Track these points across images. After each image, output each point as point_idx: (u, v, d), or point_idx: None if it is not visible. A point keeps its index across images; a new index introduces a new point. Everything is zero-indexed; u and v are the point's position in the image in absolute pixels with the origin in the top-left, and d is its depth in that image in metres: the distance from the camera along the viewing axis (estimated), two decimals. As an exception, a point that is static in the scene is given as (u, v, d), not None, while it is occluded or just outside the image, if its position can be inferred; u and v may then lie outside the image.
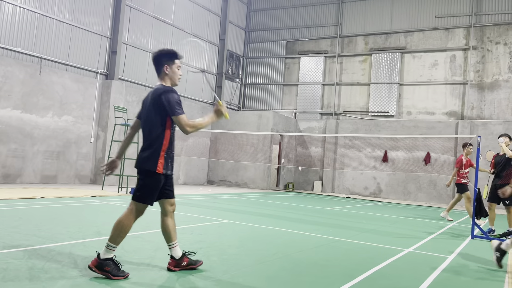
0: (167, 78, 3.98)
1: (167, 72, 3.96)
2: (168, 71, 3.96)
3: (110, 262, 3.71)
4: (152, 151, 3.81)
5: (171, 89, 3.88)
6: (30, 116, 13.24)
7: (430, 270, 4.91)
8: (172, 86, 3.96)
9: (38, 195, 9.73)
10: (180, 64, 4.03)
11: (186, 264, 4.11)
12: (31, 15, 13.44)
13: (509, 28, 18.08)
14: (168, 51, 4.01)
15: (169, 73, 3.96)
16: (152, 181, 3.82)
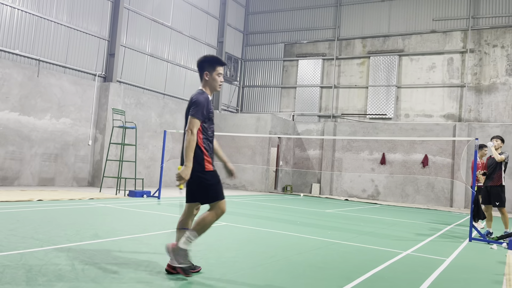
0: (207, 84, 4.11)
1: (207, 79, 4.08)
2: (208, 77, 4.08)
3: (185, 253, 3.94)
4: (195, 154, 3.92)
5: (202, 93, 4.01)
6: (28, 118, 13.22)
7: (428, 273, 4.91)
8: (211, 92, 4.12)
9: (35, 198, 9.71)
10: (221, 71, 4.11)
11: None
12: (29, 18, 13.43)
13: (506, 31, 18.16)
14: (211, 58, 4.12)
15: (209, 79, 4.08)
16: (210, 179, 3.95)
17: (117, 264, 4.26)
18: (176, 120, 18.78)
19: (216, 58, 4.13)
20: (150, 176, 17.42)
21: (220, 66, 4.09)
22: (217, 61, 4.10)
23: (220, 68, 4.09)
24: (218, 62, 4.09)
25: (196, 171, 3.92)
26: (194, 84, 20.24)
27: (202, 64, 4.11)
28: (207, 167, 3.95)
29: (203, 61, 4.12)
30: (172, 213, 8.93)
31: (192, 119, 3.88)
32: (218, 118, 20.88)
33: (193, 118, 3.88)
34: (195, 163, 3.91)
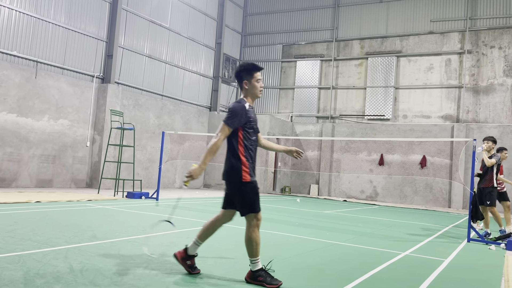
0: (247, 92, 4.10)
1: (247, 87, 4.08)
2: (248, 86, 4.08)
3: (262, 272, 3.95)
4: (234, 162, 3.95)
5: (239, 102, 4.01)
6: (25, 119, 13.19)
7: (426, 274, 4.92)
8: (253, 100, 4.12)
9: (33, 199, 9.68)
10: (259, 76, 4.10)
11: (190, 264, 4.16)
12: (27, 19, 13.41)
13: (503, 32, 18.22)
14: (247, 66, 4.10)
15: (249, 87, 4.08)
16: (247, 190, 3.93)
17: (115, 266, 4.25)
18: (174, 121, 18.77)
19: (252, 64, 4.12)
20: (148, 177, 17.39)
21: (257, 71, 4.08)
22: (253, 68, 4.09)
23: (257, 74, 4.09)
24: (255, 68, 4.09)
25: (233, 180, 3.95)
26: (192, 85, 20.24)
27: (240, 74, 4.10)
28: (244, 177, 3.91)
29: (240, 71, 4.11)
30: (170, 215, 8.91)
31: (223, 124, 3.88)
32: (216, 119, 20.88)
33: (224, 124, 3.88)
34: (233, 172, 3.92)
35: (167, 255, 4.95)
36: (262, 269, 3.97)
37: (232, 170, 3.94)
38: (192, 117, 19.89)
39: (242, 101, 4.04)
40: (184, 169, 19.40)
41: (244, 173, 3.91)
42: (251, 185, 3.94)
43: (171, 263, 4.54)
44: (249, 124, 4.00)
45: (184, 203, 11.86)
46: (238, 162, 3.93)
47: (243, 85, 4.08)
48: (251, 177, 3.95)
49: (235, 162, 3.93)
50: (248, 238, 3.96)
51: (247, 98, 4.10)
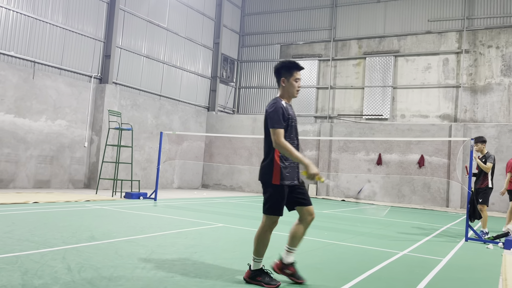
0: (284, 91, 4.02)
1: (284, 85, 4.00)
2: (285, 83, 3.99)
3: (261, 272, 3.94)
4: (267, 163, 3.90)
5: (275, 102, 3.93)
6: (23, 120, 13.16)
7: (424, 273, 4.93)
8: (289, 99, 4.04)
9: (31, 200, 9.66)
10: (299, 76, 4.02)
11: (290, 273, 4.08)
12: (25, 19, 13.38)
13: (501, 31, 18.26)
14: (287, 63, 4.00)
15: (286, 85, 4.00)
16: (272, 192, 3.89)
17: (113, 266, 4.24)
18: (172, 122, 18.76)
19: (293, 62, 4.01)
20: (146, 177, 17.38)
21: (297, 70, 3.99)
22: (294, 66, 3.99)
23: (297, 73, 4.00)
24: (295, 67, 3.99)
25: (264, 181, 3.93)
26: (190, 85, 20.23)
27: (279, 71, 4.01)
28: (274, 179, 3.87)
29: (280, 67, 4.01)
30: (168, 215, 8.91)
31: (273, 130, 3.82)
32: (214, 119, 20.87)
33: (273, 128, 3.82)
34: (265, 172, 3.90)
35: (166, 254, 4.95)
36: (261, 269, 3.97)
37: (265, 170, 3.91)
38: (190, 117, 19.88)
39: (277, 101, 3.95)
40: (182, 169, 19.38)
41: (275, 175, 3.86)
42: (278, 188, 3.87)
43: (169, 263, 4.54)
44: (288, 123, 3.92)
45: (182, 204, 11.85)
46: (271, 163, 3.89)
47: (281, 83, 4.01)
48: (282, 180, 3.87)
49: (268, 162, 3.91)
50: (258, 236, 3.98)
51: (284, 96, 4.03)
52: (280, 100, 3.96)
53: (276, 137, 3.79)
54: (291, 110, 4.00)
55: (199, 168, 20.45)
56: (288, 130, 3.92)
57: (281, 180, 3.86)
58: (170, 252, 5.12)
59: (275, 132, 3.80)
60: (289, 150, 3.76)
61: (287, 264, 4.09)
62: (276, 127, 3.81)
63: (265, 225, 3.96)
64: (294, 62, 4.02)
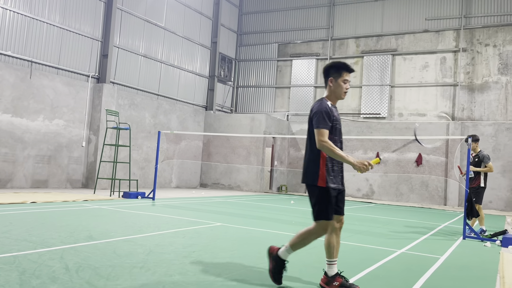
0: (330, 91, 3.93)
1: (331, 85, 3.91)
2: (333, 84, 3.90)
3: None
4: (312, 165, 3.82)
5: (321, 102, 3.85)
6: (20, 120, 13.13)
7: (422, 271, 4.94)
8: (335, 100, 3.94)
9: (29, 200, 9.64)
10: (348, 77, 3.90)
11: (338, 284, 3.91)
12: (21, 19, 13.34)
13: (498, 30, 18.30)
14: (337, 64, 3.91)
15: (333, 86, 3.90)
16: (319, 195, 3.77)
17: (111, 266, 4.24)
18: (170, 121, 18.74)
19: (343, 63, 3.92)
20: (144, 177, 17.36)
21: (346, 72, 3.88)
22: (344, 67, 3.89)
23: (346, 75, 3.89)
24: (345, 68, 3.88)
25: (309, 184, 3.83)
26: (188, 84, 20.20)
27: (328, 70, 3.92)
28: (319, 182, 3.76)
29: (329, 67, 3.92)
30: (166, 214, 8.91)
31: (317, 130, 3.73)
32: (212, 119, 20.86)
33: (318, 129, 3.73)
34: (309, 174, 3.82)
35: (165, 253, 4.95)
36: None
37: (309, 172, 3.83)
38: (188, 117, 19.86)
39: (323, 101, 3.86)
40: (180, 168, 19.37)
41: (320, 177, 3.76)
42: (325, 191, 3.76)
43: (167, 263, 4.54)
44: (333, 124, 3.82)
45: (181, 203, 11.85)
46: (316, 165, 3.79)
47: (328, 83, 3.92)
48: (328, 183, 3.75)
49: (312, 164, 3.81)
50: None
51: (330, 97, 3.93)
52: (325, 101, 3.88)
53: (321, 137, 3.70)
54: (336, 112, 3.93)
55: (197, 168, 20.44)
56: (332, 132, 3.83)
57: (327, 182, 3.75)
58: (168, 252, 5.12)
59: (319, 132, 3.72)
60: (333, 150, 3.68)
61: (333, 276, 3.92)
62: (321, 127, 3.72)
63: (317, 231, 3.81)
64: (344, 63, 3.94)
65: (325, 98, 3.94)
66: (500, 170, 17.10)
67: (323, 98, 3.93)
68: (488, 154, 9.01)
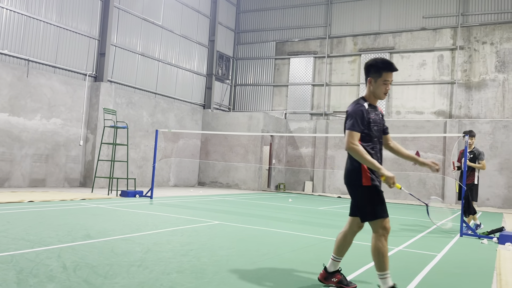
0: (369, 92, 3.75)
1: (370, 85, 3.73)
2: (372, 84, 3.71)
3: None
4: (355, 165, 3.68)
5: (357, 103, 3.70)
6: (18, 119, 13.09)
7: (420, 268, 4.95)
8: (375, 100, 3.77)
9: (26, 199, 9.62)
10: (389, 78, 3.67)
11: (337, 281, 3.91)
12: (18, 17, 13.29)
13: (495, 28, 18.33)
14: (379, 62, 3.68)
15: (372, 86, 3.72)
16: (366, 194, 3.63)
17: (109, 264, 4.24)
18: (168, 120, 18.72)
19: (386, 62, 3.67)
20: (142, 176, 17.34)
21: (388, 71, 3.65)
22: (385, 66, 3.65)
23: (387, 75, 3.66)
24: (386, 68, 3.65)
25: (353, 184, 3.70)
26: (185, 83, 20.18)
27: (368, 69, 3.72)
28: (364, 181, 3.62)
29: (369, 65, 3.72)
30: (164, 213, 8.91)
31: (348, 132, 3.60)
32: (210, 117, 20.84)
33: (349, 130, 3.60)
34: (353, 174, 3.69)
35: (162, 252, 4.95)
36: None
37: (352, 173, 3.69)
38: (186, 115, 19.84)
39: (360, 102, 3.70)
40: (178, 167, 19.36)
41: (364, 176, 3.62)
42: (371, 189, 3.62)
43: (165, 261, 4.54)
44: (369, 126, 3.66)
45: (178, 201, 11.85)
46: (358, 164, 3.65)
47: (367, 82, 3.73)
48: (373, 181, 3.62)
49: (355, 164, 3.67)
50: (374, 248, 3.60)
51: (369, 97, 3.75)
52: (362, 102, 3.71)
53: (350, 139, 3.57)
54: (374, 113, 3.73)
55: (195, 166, 20.43)
56: (371, 135, 3.68)
57: (372, 180, 3.62)
58: (166, 250, 5.12)
59: (349, 134, 3.59)
60: (360, 154, 3.52)
61: (332, 272, 3.92)
62: (351, 129, 3.59)
63: (377, 234, 3.59)
64: (387, 62, 3.68)
65: (363, 98, 3.77)
66: (497, 168, 17.15)
67: (360, 99, 3.76)
68: (484, 151, 9.06)
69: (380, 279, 3.57)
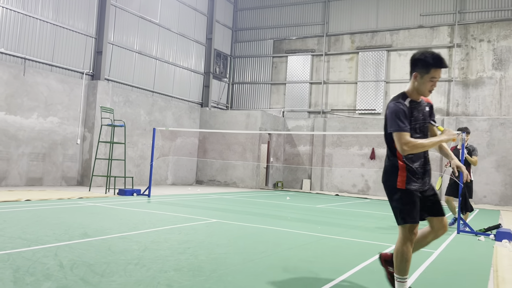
0: (413, 87, 3.44)
1: (415, 81, 3.41)
2: (417, 80, 3.40)
3: None
4: (390, 166, 3.49)
5: (396, 100, 3.40)
6: (14, 117, 13.04)
7: (417, 265, 4.96)
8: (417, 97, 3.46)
9: (23, 198, 9.59)
10: (437, 75, 3.37)
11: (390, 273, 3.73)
12: (14, 15, 13.23)
13: (492, 25, 18.35)
14: (429, 57, 3.35)
15: (417, 82, 3.40)
16: (400, 198, 3.42)
17: (106, 263, 4.23)
18: (166, 118, 18.69)
19: (436, 58, 3.35)
20: (140, 174, 17.32)
21: (436, 68, 3.34)
22: (434, 63, 3.33)
23: (436, 72, 3.35)
24: (435, 64, 3.33)
25: (388, 185, 3.51)
26: (183, 81, 20.14)
27: (415, 62, 3.41)
28: (398, 184, 3.41)
29: (417, 59, 3.40)
30: (162, 211, 8.90)
31: (396, 134, 3.29)
32: (208, 115, 20.82)
33: (396, 132, 3.29)
34: (388, 175, 3.48)
35: (160, 250, 4.94)
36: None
37: (388, 173, 3.51)
38: (183, 113, 19.81)
39: (400, 100, 3.40)
40: (176, 165, 19.34)
41: (400, 178, 3.41)
42: (405, 193, 3.40)
43: (162, 259, 4.54)
44: (411, 125, 3.38)
45: (176, 200, 11.84)
46: (395, 165, 3.45)
47: (412, 77, 3.42)
48: (408, 184, 3.39)
49: (391, 165, 3.47)
50: (396, 251, 3.48)
51: (412, 93, 3.45)
52: (403, 99, 3.41)
53: (402, 140, 3.25)
54: (418, 110, 3.44)
55: (193, 164, 20.42)
56: (412, 133, 3.38)
57: (407, 184, 3.40)
58: (164, 248, 5.12)
59: (398, 136, 3.28)
60: (422, 144, 3.26)
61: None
62: (398, 130, 3.28)
63: (403, 237, 3.45)
64: (437, 57, 3.36)
65: (405, 93, 3.48)
66: (494, 165, 17.20)
67: (402, 94, 3.47)
68: (481, 149, 9.08)
69: (398, 281, 3.49)
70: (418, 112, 3.45)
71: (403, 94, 3.47)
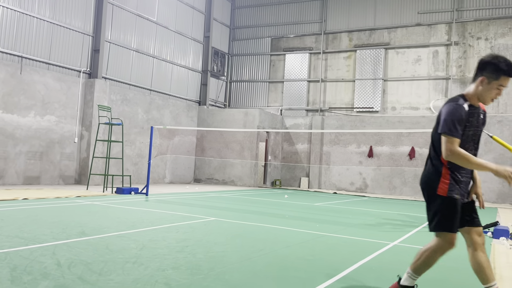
0: (476, 92, 3.18)
1: (480, 85, 3.16)
2: (483, 85, 3.14)
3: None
4: (433, 169, 3.28)
5: (457, 102, 3.14)
6: (11, 116, 13.00)
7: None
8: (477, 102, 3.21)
9: (20, 196, 9.57)
10: (505, 84, 3.13)
11: None
12: (11, 13, 13.17)
13: (489, 23, 18.37)
14: (498, 63, 3.10)
15: (482, 87, 3.15)
16: (439, 205, 3.23)
17: (104, 261, 4.22)
18: (163, 116, 18.65)
19: (509, 65, 3.08)
20: (137, 172, 17.30)
21: (506, 77, 3.10)
22: (507, 70, 3.08)
23: (505, 80, 3.11)
24: (507, 72, 3.08)
25: (427, 190, 3.32)
26: (180, 79, 20.11)
27: (484, 66, 3.15)
28: (440, 190, 3.20)
29: (487, 62, 3.14)
30: (160, 210, 8.89)
31: (447, 138, 3.08)
32: (206, 114, 20.80)
33: (446, 135, 3.08)
34: (429, 180, 3.29)
35: (158, 248, 4.94)
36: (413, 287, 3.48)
37: (429, 178, 3.30)
38: (181, 112, 19.78)
39: (460, 101, 3.14)
40: (174, 163, 19.32)
41: (442, 184, 3.20)
42: (446, 200, 3.19)
43: (160, 257, 4.53)
44: (464, 131, 3.15)
45: (174, 198, 11.83)
46: (438, 171, 3.24)
47: (478, 80, 3.17)
48: (451, 192, 3.18)
49: (434, 169, 3.27)
50: (423, 252, 3.44)
51: (472, 96, 3.20)
52: (463, 101, 3.16)
53: (450, 146, 3.07)
54: (474, 116, 3.18)
55: (191, 163, 20.40)
56: (464, 139, 3.16)
57: (449, 191, 3.18)
58: (161, 247, 5.11)
59: (448, 140, 3.08)
60: (468, 159, 3.06)
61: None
62: (449, 134, 3.07)
63: (438, 246, 3.35)
64: (510, 64, 3.09)
65: (464, 95, 3.23)
66: (491, 163, 17.23)
67: (462, 96, 3.21)
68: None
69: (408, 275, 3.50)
70: (474, 118, 3.20)
71: (463, 97, 3.21)
